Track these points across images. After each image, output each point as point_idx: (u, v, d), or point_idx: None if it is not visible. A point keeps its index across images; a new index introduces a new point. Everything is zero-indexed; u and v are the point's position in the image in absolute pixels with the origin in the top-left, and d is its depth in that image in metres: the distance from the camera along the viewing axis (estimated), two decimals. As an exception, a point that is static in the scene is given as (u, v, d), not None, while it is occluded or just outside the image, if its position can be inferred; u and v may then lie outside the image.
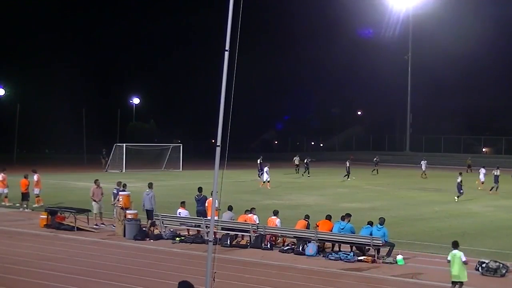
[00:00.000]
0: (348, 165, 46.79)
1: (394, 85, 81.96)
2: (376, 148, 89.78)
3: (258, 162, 46.34)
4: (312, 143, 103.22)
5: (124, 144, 55.03)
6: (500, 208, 29.66)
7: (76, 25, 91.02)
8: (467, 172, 55.22)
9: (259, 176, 44.73)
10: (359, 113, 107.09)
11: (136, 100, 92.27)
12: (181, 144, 59.91)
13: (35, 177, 27.96)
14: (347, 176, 46.35)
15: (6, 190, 28.05)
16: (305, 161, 50.12)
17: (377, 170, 54.14)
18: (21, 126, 65.59)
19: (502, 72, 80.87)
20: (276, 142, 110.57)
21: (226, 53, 9.77)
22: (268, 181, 38.02)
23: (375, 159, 56.64)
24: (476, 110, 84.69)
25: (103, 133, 72.92)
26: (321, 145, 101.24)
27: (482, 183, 39.70)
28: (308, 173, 48.97)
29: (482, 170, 40.32)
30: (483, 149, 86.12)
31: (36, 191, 27.91)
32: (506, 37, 77.48)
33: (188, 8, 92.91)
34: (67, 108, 75.68)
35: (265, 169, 38.56)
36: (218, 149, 9.68)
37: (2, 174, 28.20)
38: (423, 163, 51.98)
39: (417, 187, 41.25)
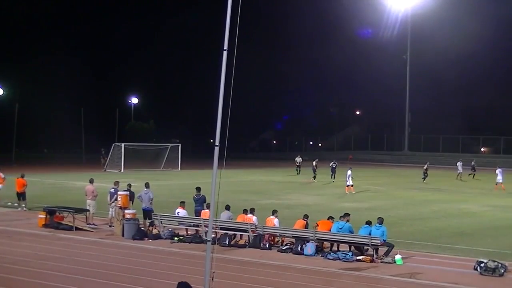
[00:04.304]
0: (426, 167, 45.03)
1: (392, 85, 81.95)
2: (374, 148, 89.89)
3: (314, 164, 45.40)
4: (311, 142, 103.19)
5: (123, 144, 54.98)
6: (498, 208, 29.68)
7: (75, 24, 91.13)
8: None
9: (314, 178, 44.82)
10: (357, 112, 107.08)
11: (134, 100, 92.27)
12: (179, 144, 59.86)
13: None
14: (425, 178, 44.53)
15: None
16: (331, 165, 46.66)
17: (474, 174, 48.77)
18: (19, 125, 65.57)
19: (501, 72, 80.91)
20: (274, 141, 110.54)
21: (225, 53, 9.76)
22: (352, 185, 36.48)
23: (472, 162, 50.03)
24: (475, 110, 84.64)
25: (101, 132, 72.85)
26: (320, 145, 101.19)
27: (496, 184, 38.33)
28: (334, 177, 44.80)
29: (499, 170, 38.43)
30: (482, 149, 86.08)
31: None
32: (505, 37, 77.45)
33: (187, 8, 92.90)
34: (66, 108, 75.72)
35: (349, 172, 36.59)
36: (216, 149, 9.67)
37: None
38: (459, 164, 48.03)
39: (415, 187, 41.23)
